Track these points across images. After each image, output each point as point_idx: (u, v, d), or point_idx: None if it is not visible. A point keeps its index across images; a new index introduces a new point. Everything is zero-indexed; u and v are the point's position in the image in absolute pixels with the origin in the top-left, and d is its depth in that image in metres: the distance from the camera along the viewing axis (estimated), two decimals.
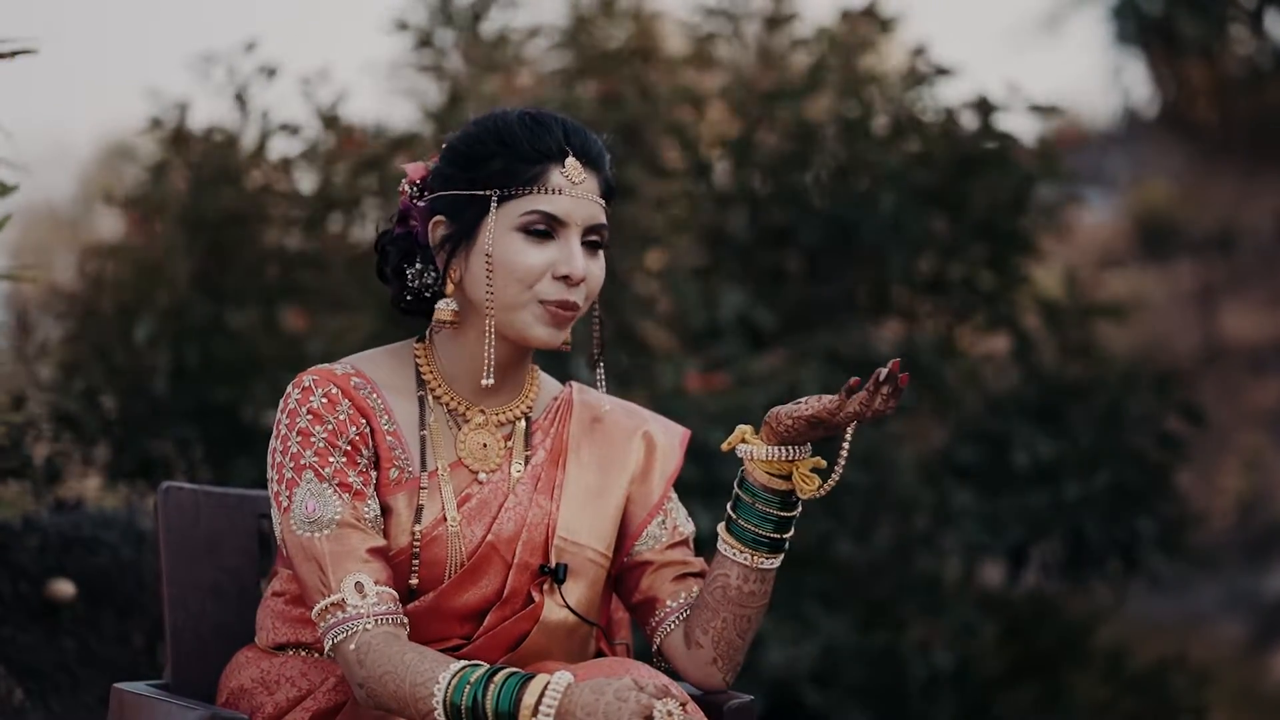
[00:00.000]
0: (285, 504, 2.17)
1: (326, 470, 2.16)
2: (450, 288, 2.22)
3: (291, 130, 4.75)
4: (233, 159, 4.74)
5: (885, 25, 5.13)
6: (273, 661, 2.26)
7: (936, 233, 5.02)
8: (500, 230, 2.18)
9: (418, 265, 2.26)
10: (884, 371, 2.08)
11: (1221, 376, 9.46)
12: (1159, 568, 5.19)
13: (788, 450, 2.18)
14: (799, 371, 4.60)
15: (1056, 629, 5.19)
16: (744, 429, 2.22)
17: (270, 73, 4.74)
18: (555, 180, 2.19)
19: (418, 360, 2.27)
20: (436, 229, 2.23)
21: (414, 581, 2.20)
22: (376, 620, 2.11)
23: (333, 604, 2.12)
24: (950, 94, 5.03)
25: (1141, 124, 12.52)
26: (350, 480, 2.16)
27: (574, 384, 2.36)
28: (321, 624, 2.14)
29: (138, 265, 4.80)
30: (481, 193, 2.19)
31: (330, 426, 2.17)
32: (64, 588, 3.51)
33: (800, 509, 2.23)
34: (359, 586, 2.12)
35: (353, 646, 2.11)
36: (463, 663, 2.08)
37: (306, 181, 4.90)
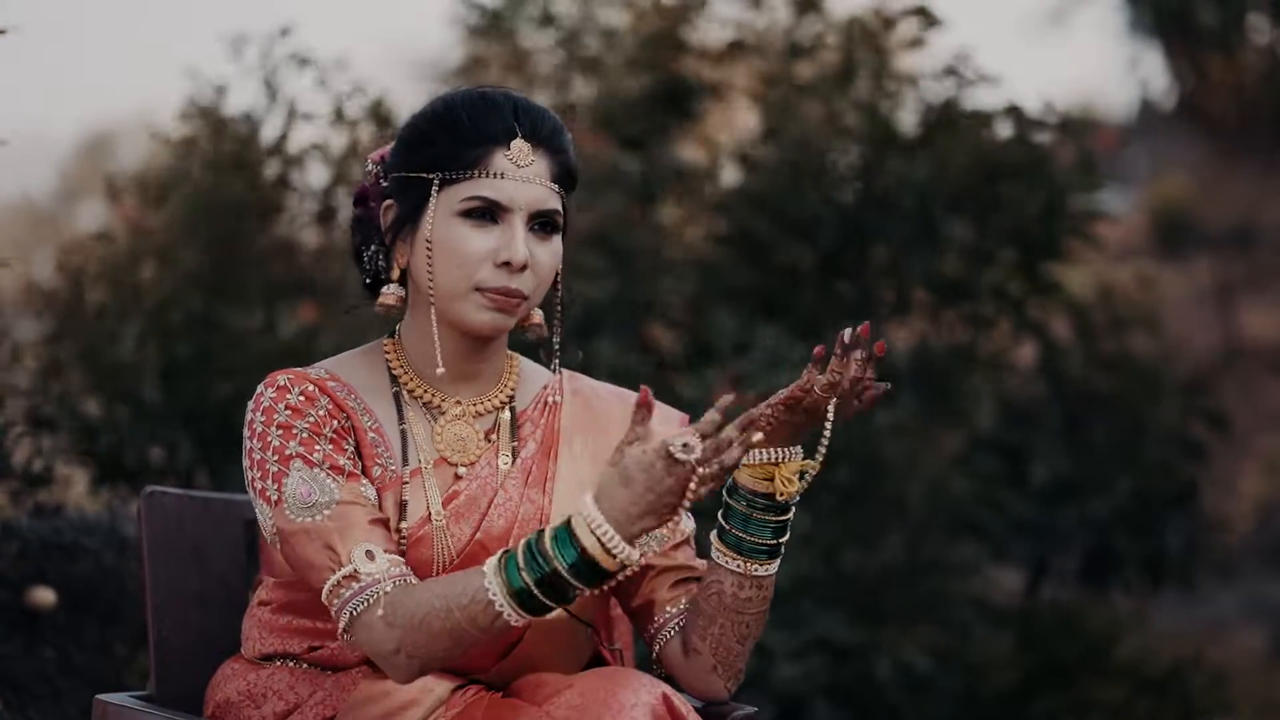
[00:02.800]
0: (275, 498, 2.14)
1: (315, 456, 2.14)
2: (396, 272, 2.21)
3: (335, 117, 4.76)
4: (253, 147, 4.75)
5: (930, 22, 5.13)
6: (259, 673, 2.25)
7: (962, 236, 5.04)
8: (441, 215, 2.17)
9: (373, 248, 2.26)
10: (849, 333, 2.07)
11: (1241, 377, 9.45)
12: (1188, 576, 5.21)
13: (771, 452, 2.17)
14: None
15: (1077, 639, 5.20)
16: None
17: (303, 61, 4.75)
18: (498, 164, 2.17)
19: (388, 357, 2.26)
20: (387, 213, 2.22)
21: None
22: (395, 583, 2.08)
23: (346, 576, 2.09)
24: (983, 97, 5.05)
25: (1158, 116, 12.53)
26: (341, 464, 2.14)
27: (565, 372, 2.33)
28: (336, 600, 2.09)
29: (131, 256, 4.79)
30: (424, 176, 2.18)
31: (311, 419, 2.16)
32: (44, 595, 3.51)
33: (793, 513, 2.20)
34: (369, 554, 2.10)
35: (380, 612, 2.07)
36: (492, 561, 2.03)
37: (318, 175, 4.92)
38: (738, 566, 2.20)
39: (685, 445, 1.95)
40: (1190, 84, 12.11)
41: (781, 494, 2.17)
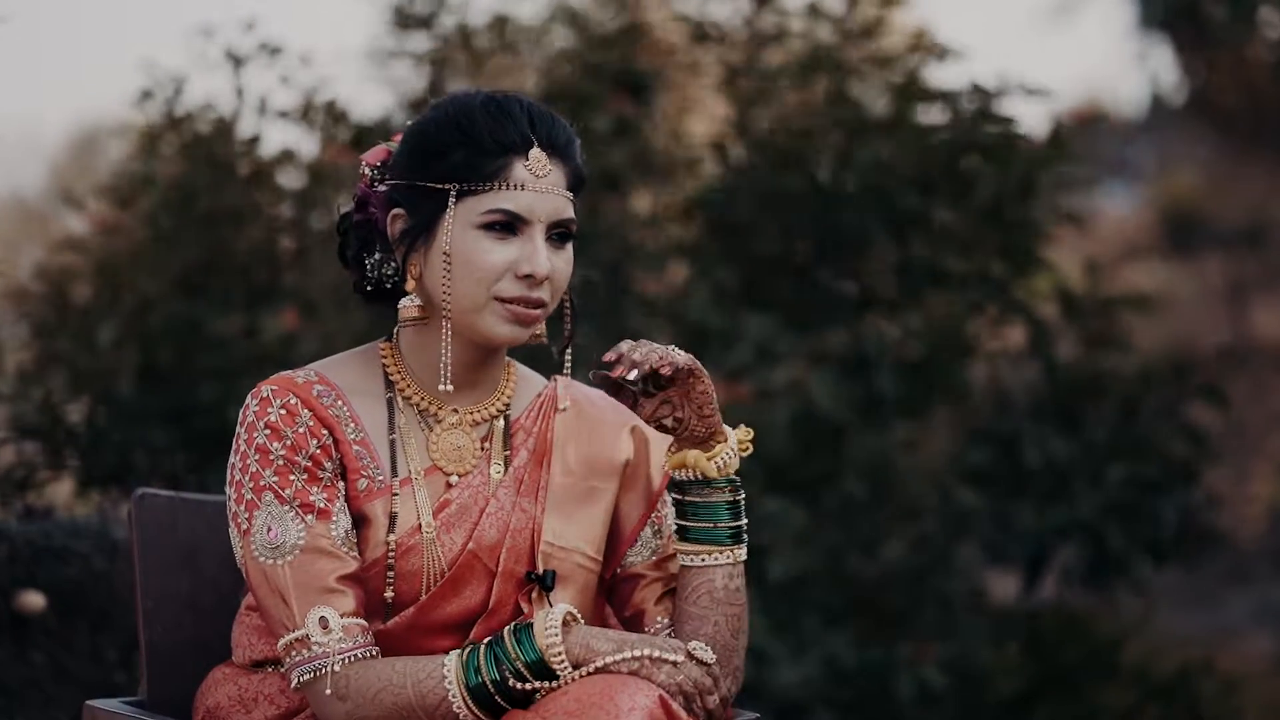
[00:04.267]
0: (245, 527, 2.16)
1: (287, 492, 2.14)
2: (411, 284, 2.20)
3: (290, 115, 4.74)
4: (225, 146, 4.73)
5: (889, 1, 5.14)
6: (250, 679, 2.25)
7: (941, 221, 5.03)
8: (459, 228, 2.16)
9: (377, 255, 2.25)
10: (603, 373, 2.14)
11: (1251, 377, 9.45)
12: (1189, 552, 5.20)
13: (686, 453, 2.21)
14: (811, 382, 4.61)
15: (1081, 645, 5.20)
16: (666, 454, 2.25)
17: (273, 51, 4.71)
18: (518, 175, 2.16)
19: (384, 361, 2.25)
20: (395, 222, 2.21)
21: (389, 595, 2.18)
22: (344, 660, 2.11)
23: (297, 640, 2.12)
24: (954, 78, 5.06)
25: (1168, 111, 12.51)
26: (313, 499, 2.15)
27: (559, 378, 2.33)
28: (287, 659, 2.14)
29: (104, 261, 4.78)
30: (440, 186, 2.17)
31: (289, 442, 2.16)
32: (34, 600, 3.51)
33: (741, 495, 2.24)
34: (323, 622, 2.12)
35: (327, 690, 2.11)
36: (455, 652, 2.11)
37: (292, 178, 4.90)
38: (728, 558, 2.22)
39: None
40: (1200, 79, 12.09)
41: (720, 471, 2.21)
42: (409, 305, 2.20)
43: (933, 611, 4.88)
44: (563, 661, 2.08)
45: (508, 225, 2.16)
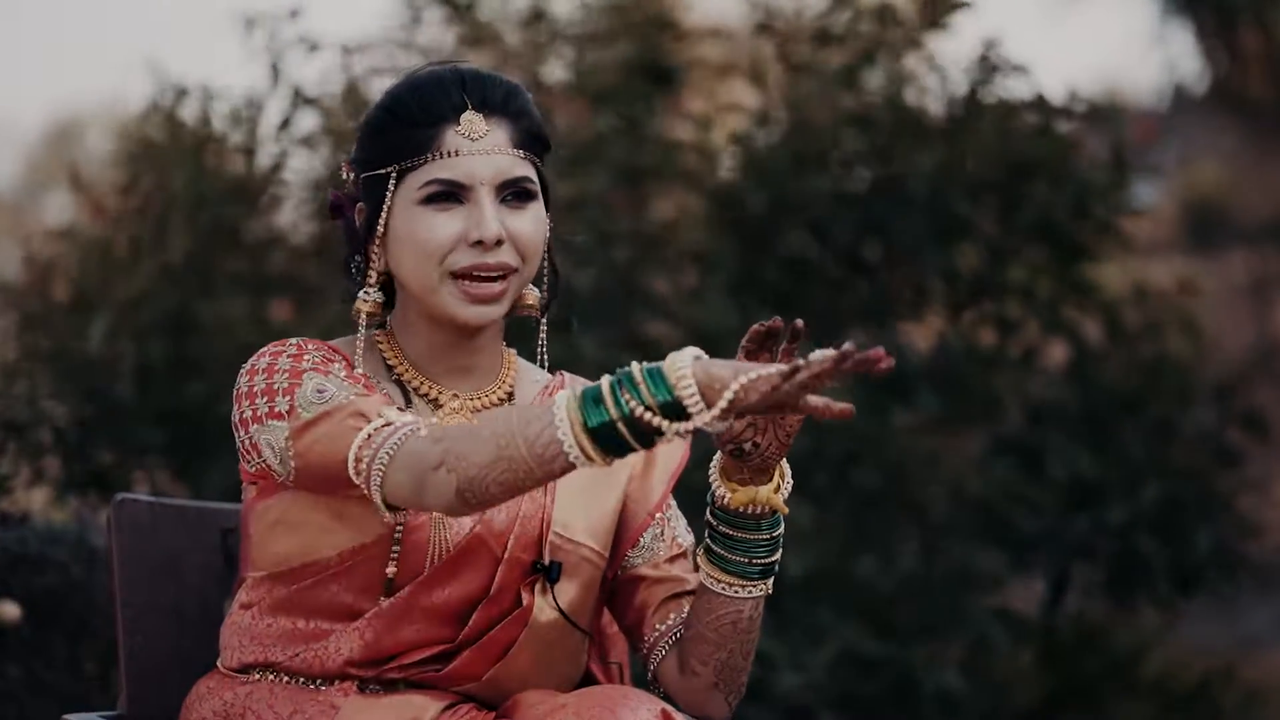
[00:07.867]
0: (287, 408, 2.13)
1: (333, 368, 2.15)
2: (374, 276, 2.23)
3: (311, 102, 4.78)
4: (252, 132, 4.77)
5: (958, 4, 5.14)
6: (237, 691, 2.25)
7: (985, 231, 5.06)
8: (401, 207, 2.19)
9: (356, 256, 2.27)
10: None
11: (1277, 377, 9.45)
12: (1221, 581, 5.22)
13: (757, 490, 2.14)
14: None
15: (1100, 656, 5.21)
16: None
17: (313, 47, 4.77)
18: (450, 142, 2.18)
19: (381, 347, 2.28)
20: (359, 217, 2.25)
21: (391, 570, 2.19)
22: (430, 426, 2.09)
23: (380, 426, 2.08)
24: (1010, 86, 5.04)
25: (1190, 101, 12.52)
26: (362, 391, 2.14)
27: (564, 373, 2.36)
28: (367, 452, 2.07)
29: (98, 253, 4.80)
30: (382, 171, 2.20)
31: (323, 355, 2.18)
32: (9, 610, 3.52)
33: (782, 524, 2.21)
34: (400, 410, 2.12)
35: (423, 432, 2.05)
36: (561, 394, 2.00)
37: (315, 164, 4.94)
38: (760, 591, 2.21)
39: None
40: (1223, 65, 12.10)
41: (779, 505, 2.17)
42: (364, 300, 2.22)
43: (948, 618, 4.90)
44: (695, 398, 1.93)
45: (450, 195, 2.18)
